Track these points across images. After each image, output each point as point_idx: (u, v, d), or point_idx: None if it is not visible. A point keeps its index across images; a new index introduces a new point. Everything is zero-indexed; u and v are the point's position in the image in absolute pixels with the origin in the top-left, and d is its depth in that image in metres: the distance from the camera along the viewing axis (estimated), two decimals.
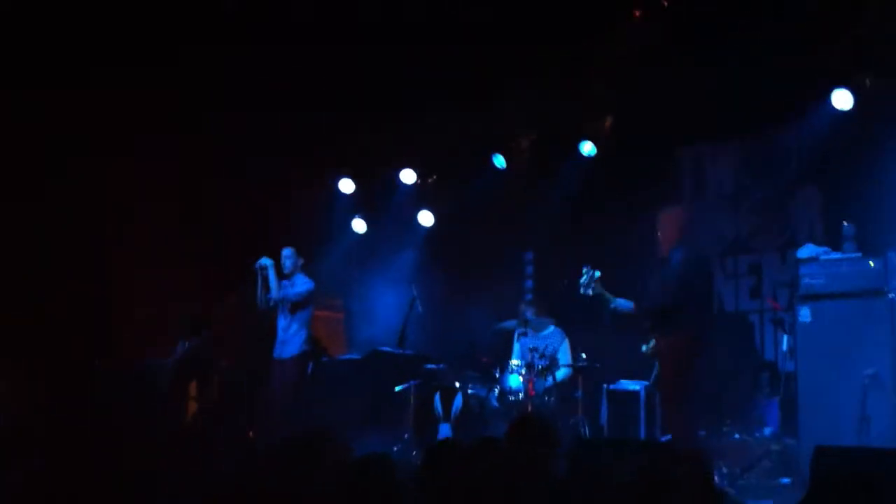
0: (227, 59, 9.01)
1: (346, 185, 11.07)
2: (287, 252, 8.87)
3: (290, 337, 8.81)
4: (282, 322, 8.85)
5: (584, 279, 7.38)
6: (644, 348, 7.38)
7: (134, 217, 9.67)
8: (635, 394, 8.49)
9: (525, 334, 8.76)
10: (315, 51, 8.98)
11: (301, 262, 8.91)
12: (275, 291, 8.73)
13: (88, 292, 9.29)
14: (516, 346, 8.89)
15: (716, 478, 4.82)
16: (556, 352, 8.70)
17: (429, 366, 9.30)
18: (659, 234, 7.29)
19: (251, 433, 7.95)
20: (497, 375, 8.64)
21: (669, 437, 7.09)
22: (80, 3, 8.46)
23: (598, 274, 7.38)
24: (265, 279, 8.77)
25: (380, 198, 11.18)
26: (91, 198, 9.32)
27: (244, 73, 9.14)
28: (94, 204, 9.38)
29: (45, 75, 8.65)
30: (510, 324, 8.92)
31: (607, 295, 7.38)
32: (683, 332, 6.98)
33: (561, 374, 8.57)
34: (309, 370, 9.07)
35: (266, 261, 8.77)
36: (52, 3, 8.46)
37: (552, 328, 8.89)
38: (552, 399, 8.35)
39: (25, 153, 8.99)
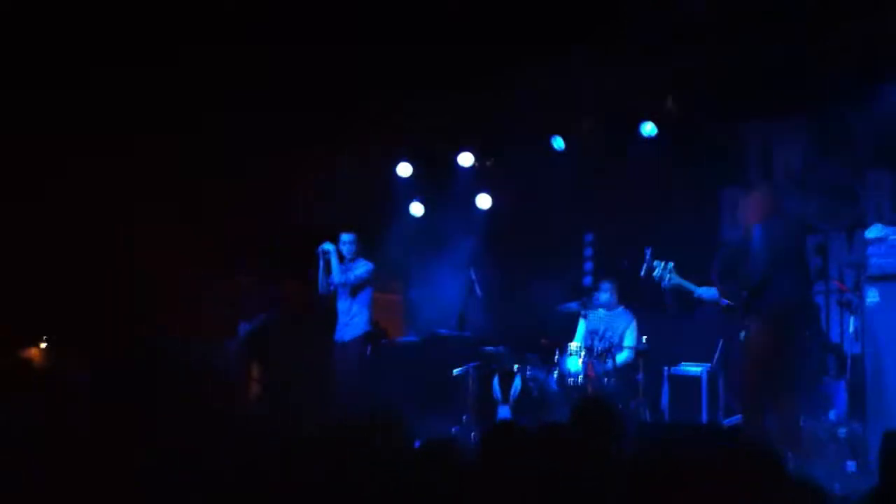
0: (285, 44, 9.01)
1: (404, 169, 11.07)
2: (346, 237, 8.92)
3: (352, 319, 8.88)
4: (342, 305, 8.91)
5: (657, 272, 7.24)
6: (742, 335, 7.04)
7: (187, 201, 9.70)
8: (697, 377, 8.39)
9: (586, 316, 8.74)
10: (368, 35, 8.96)
11: (358, 244, 8.95)
12: (336, 276, 8.79)
13: (151, 275, 9.39)
14: (580, 326, 8.86)
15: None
16: (621, 333, 8.69)
17: (487, 348, 9.28)
18: (744, 211, 7.04)
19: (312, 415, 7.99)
20: (556, 358, 8.61)
21: (736, 419, 6.93)
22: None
23: (671, 265, 7.23)
24: (327, 263, 8.83)
25: (438, 181, 11.16)
26: (148, 179, 9.37)
27: (304, 57, 9.13)
28: (155, 183, 9.44)
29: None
30: (573, 305, 8.89)
31: (686, 284, 7.17)
32: (774, 311, 6.57)
33: (623, 357, 8.51)
34: (367, 352, 9.10)
35: (328, 246, 8.83)
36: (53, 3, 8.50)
37: (621, 309, 8.86)
38: (612, 382, 8.30)
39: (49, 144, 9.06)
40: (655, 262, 7.24)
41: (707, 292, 7.06)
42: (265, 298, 9.49)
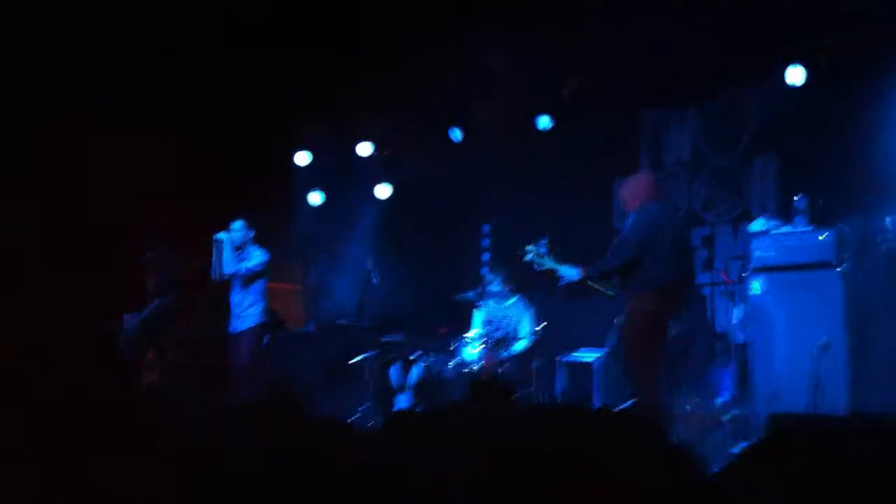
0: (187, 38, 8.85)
1: (302, 158, 10.99)
2: (237, 224, 8.75)
3: (244, 311, 8.71)
4: (235, 297, 8.73)
5: (529, 256, 7.08)
6: (617, 319, 7.07)
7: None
8: (589, 364, 8.56)
9: (482, 306, 8.79)
10: (268, 26, 8.86)
11: (252, 234, 8.79)
12: (228, 266, 8.62)
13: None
14: (476, 316, 8.90)
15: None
16: (516, 323, 8.72)
17: (386, 338, 9.30)
18: (623, 197, 7.08)
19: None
20: (453, 347, 8.67)
21: (630, 403, 7.07)
22: None
23: (544, 248, 7.04)
24: (219, 252, 8.66)
25: (336, 170, 11.12)
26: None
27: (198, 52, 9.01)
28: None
29: None
30: (470, 295, 8.94)
31: (551, 264, 7.00)
32: (649, 290, 6.58)
33: (519, 345, 8.58)
34: (265, 343, 8.99)
35: (221, 235, 8.66)
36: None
37: (515, 298, 8.86)
38: (508, 370, 8.40)
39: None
40: (528, 247, 7.06)
41: (569, 272, 6.92)
42: (163, 281, 9.27)
